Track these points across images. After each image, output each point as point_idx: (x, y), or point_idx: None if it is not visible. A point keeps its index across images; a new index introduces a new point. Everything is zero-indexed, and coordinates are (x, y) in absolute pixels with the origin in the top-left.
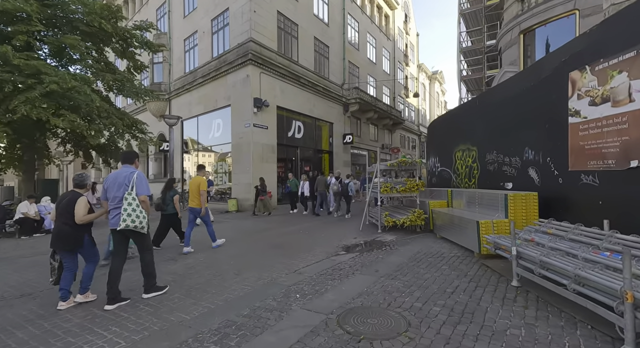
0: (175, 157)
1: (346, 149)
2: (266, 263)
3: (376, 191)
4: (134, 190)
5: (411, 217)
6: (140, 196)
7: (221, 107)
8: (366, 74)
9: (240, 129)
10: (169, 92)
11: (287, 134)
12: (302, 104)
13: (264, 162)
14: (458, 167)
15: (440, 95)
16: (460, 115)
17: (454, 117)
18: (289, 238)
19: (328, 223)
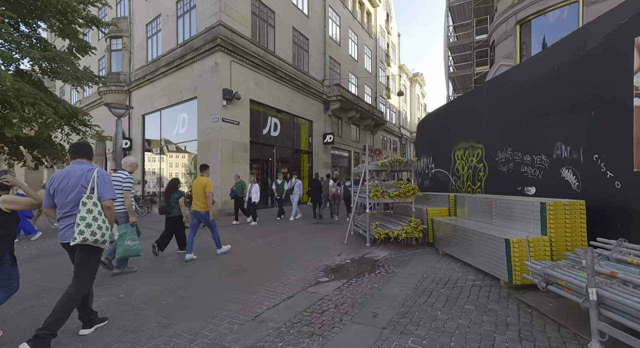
0: (134, 156)
1: (327, 150)
2: (216, 300)
3: (364, 196)
4: (95, 193)
5: (407, 228)
6: (104, 201)
7: (187, 99)
8: (348, 72)
9: (207, 124)
10: (128, 83)
11: (262, 132)
12: (279, 98)
13: (234, 162)
14: (458, 168)
15: (420, 97)
16: (461, 109)
17: (453, 111)
18: (256, 256)
19: (305, 233)
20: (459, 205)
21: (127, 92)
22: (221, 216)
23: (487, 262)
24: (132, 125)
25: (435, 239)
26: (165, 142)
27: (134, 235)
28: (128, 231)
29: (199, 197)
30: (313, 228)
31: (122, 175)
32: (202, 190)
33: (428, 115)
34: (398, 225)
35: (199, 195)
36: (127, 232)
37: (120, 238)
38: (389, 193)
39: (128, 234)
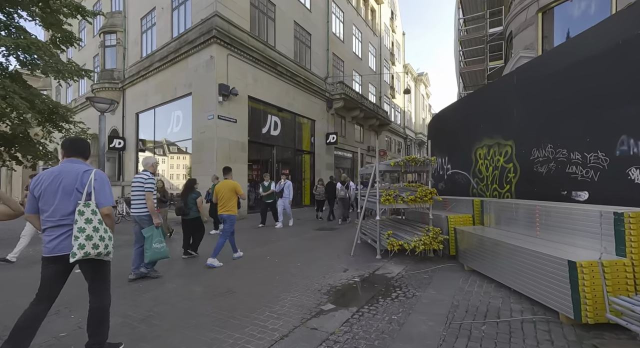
0: (128, 156)
1: (329, 150)
2: (185, 340)
3: (374, 200)
4: (92, 199)
5: (424, 239)
6: (102, 208)
7: (181, 96)
8: (351, 69)
9: (202, 121)
10: (122, 80)
11: (261, 130)
12: (280, 96)
13: (231, 163)
14: (481, 169)
15: (425, 98)
16: (484, 102)
17: (473, 106)
18: (248, 272)
19: (306, 242)
20: (487, 212)
21: (121, 90)
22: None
23: (536, 288)
24: (126, 123)
25: (459, 252)
26: (159, 141)
27: (160, 237)
28: (154, 233)
29: (226, 201)
30: (315, 236)
31: (144, 176)
32: (230, 194)
33: (442, 112)
34: (414, 235)
35: (225, 198)
36: (153, 234)
37: (147, 241)
38: (402, 197)
39: (154, 237)
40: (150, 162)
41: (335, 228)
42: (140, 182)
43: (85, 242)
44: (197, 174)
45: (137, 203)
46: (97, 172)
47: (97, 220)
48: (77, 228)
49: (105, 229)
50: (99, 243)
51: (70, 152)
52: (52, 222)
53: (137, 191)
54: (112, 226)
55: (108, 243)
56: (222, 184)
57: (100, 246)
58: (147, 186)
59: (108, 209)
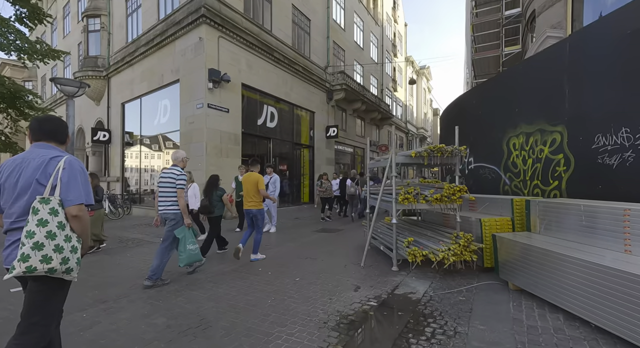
0: (114, 150)
1: (330, 144)
2: None
3: (389, 199)
4: (56, 194)
5: (454, 248)
6: (69, 207)
7: (168, 83)
8: (352, 60)
9: (191, 111)
10: (107, 67)
11: (257, 122)
12: (276, 85)
13: (222, 157)
14: (516, 162)
15: (426, 92)
16: (520, 82)
17: (502, 88)
18: (233, 290)
19: (306, 247)
20: (539, 216)
21: (106, 78)
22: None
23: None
24: (112, 115)
25: (500, 266)
26: (145, 134)
27: (193, 238)
28: (187, 234)
29: (251, 195)
30: (316, 240)
31: (176, 171)
32: (254, 187)
33: (459, 99)
34: (439, 242)
35: (250, 192)
36: (185, 235)
37: (181, 243)
38: (425, 196)
39: (187, 238)
40: (180, 156)
41: (338, 230)
42: (172, 178)
43: (32, 251)
44: (185, 169)
45: (167, 201)
46: (69, 159)
47: (56, 223)
48: (25, 232)
49: (68, 237)
50: (53, 256)
51: (38, 134)
52: (7, 224)
53: (167, 187)
54: (82, 232)
55: (69, 257)
56: (246, 177)
57: (54, 259)
58: (179, 182)
59: (78, 209)
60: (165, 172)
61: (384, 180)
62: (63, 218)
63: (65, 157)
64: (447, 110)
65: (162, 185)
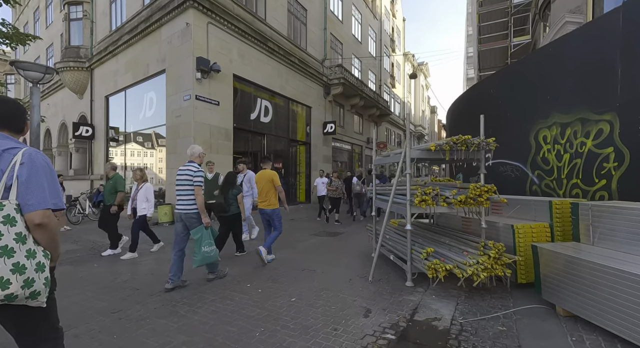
0: (98, 146)
1: (327, 141)
2: None
3: (402, 201)
4: (11, 197)
5: (484, 260)
6: (30, 214)
7: (154, 74)
8: (350, 54)
9: (178, 103)
10: (90, 58)
11: (250, 116)
12: (271, 77)
13: (212, 153)
14: (547, 158)
15: (424, 89)
16: (551, 64)
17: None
18: (213, 318)
19: (303, 256)
20: (589, 221)
21: (89, 70)
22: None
23: None
24: (95, 109)
25: (544, 284)
26: (130, 129)
27: (210, 239)
28: (203, 235)
29: (265, 193)
30: (313, 246)
31: (193, 168)
32: (269, 185)
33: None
34: (461, 252)
35: (264, 189)
36: (202, 236)
37: (196, 244)
38: (446, 197)
39: (204, 239)
40: (197, 151)
41: (339, 233)
42: (189, 175)
43: None
44: (172, 166)
45: (185, 200)
46: (29, 152)
47: (13, 235)
48: None
49: (31, 251)
50: (12, 278)
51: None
52: None
53: (185, 185)
54: (50, 244)
55: (34, 277)
56: (260, 175)
57: (12, 282)
58: (197, 180)
59: (42, 215)
60: (182, 170)
61: (396, 178)
62: (23, 228)
63: (23, 150)
64: (456, 104)
65: (179, 184)
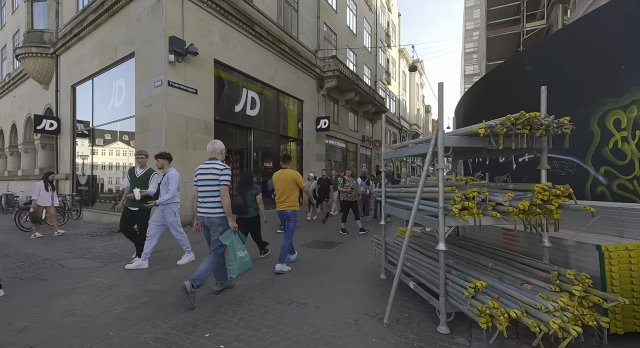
0: (64, 142)
1: (320, 138)
2: None
3: (431, 206)
4: None
5: (569, 304)
6: None
7: (122, 58)
8: (345, 46)
9: (148, 90)
10: (54, 43)
11: (234, 108)
12: (258, 65)
13: (189, 148)
14: (623, 150)
15: (419, 87)
16: (627, 24)
17: (594, 36)
18: None
19: (291, 280)
20: None
21: (54, 57)
22: None
23: None
24: (60, 100)
25: None
26: (98, 122)
27: (241, 244)
28: (234, 240)
29: (285, 194)
30: (306, 262)
31: (218, 165)
32: (290, 185)
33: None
34: (520, 285)
35: (284, 191)
36: (233, 241)
37: (229, 250)
38: (497, 204)
39: (235, 244)
40: (219, 147)
41: (335, 243)
42: (215, 174)
43: None
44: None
45: (209, 202)
46: None
47: None
48: None
49: None
50: None
51: None
52: None
53: (210, 186)
54: None
55: None
56: (280, 175)
57: None
58: (224, 178)
59: None
60: (204, 168)
61: (423, 176)
62: None
63: None
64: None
65: (202, 183)
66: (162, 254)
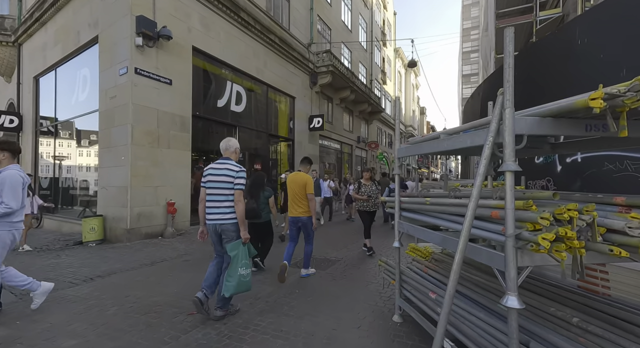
0: (25, 139)
1: (314, 138)
2: None
3: (495, 235)
4: None
5: None
6: None
7: (86, 43)
8: (340, 42)
9: (112, 80)
10: (15, 30)
11: (216, 103)
12: (245, 56)
13: (161, 147)
14: None
15: (414, 88)
16: None
17: None
18: None
19: (267, 316)
20: None
21: (17, 45)
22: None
23: None
24: (23, 93)
25: None
26: (61, 117)
27: (246, 260)
28: (240, 253)
29: (298, 199)
30: (292, 290)
31: (233, 167)
32: (302, 191)
33: (532, 50)
34: None
35: (298, 196)
36: (239, 254)
37: (232, 264)
38: (613, 231)
39: (240, 258)
40: (233, 145)
41: (332, 262)
42: (229, 175)
43: None
44: (106, 164)
45: (221, 206)
46: None
47: None
48: None
49: None
50: None
51: None
52: None
53: (223, 188)
54: None
55: None
56: (293, 177)
57: None
58: (239, 182)
59: None
60: (215, 169)
61: (478, 182)
62: None
63: None
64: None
65: (213, 186)
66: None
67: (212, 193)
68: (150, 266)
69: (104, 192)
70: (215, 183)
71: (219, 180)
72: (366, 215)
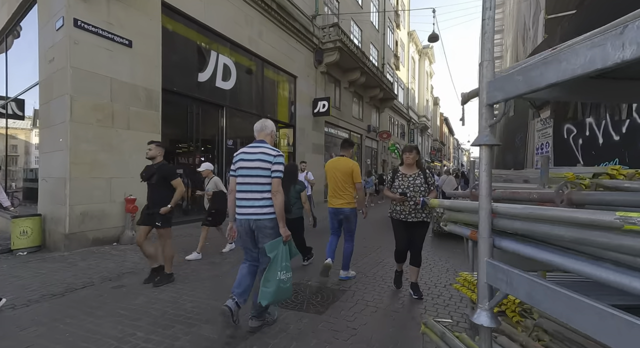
0: None
1: (318, 125)
2: None
3: None
4: None
5: None
6: None
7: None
8: (349, 17)
9: (50, 38)
10: None
11: (196, 76)
12: (234, 22)
13: (117, 128)
14: None
15: (428, 76)
16: None
17: None
18: None
19: None
20: None
21: None
22: (52, 245)
23: None
24: None
25: None
26: (11, 94)
27: (287, 262)
28: (280, 253)
29: (341, 188)
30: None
31: (270, 151)
32: (347, 178)
33: None
34: None
35: (339, 184)
36: (279, 255)
37: (271, 266)
38: None
39: (280, 259)
40: (270, 127)
41: (338, 293)
42: (266, 161)
43: None
44: (46, 149)
45: (258, 198)
46: None
47: None
48: None
49: None
50: None
51: None
52: None
53: (258, 176)
54: None
55: None
56: (334, 163)
57: None
58: (277, 168)
59: None
60: (249, 152)
61: None
62: None
63: None
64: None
65: (246, 173)
66: None
67: (244, 182)
68: (60, 297)
69: (44, 185)
70: (248, 171)
71: (253, 166)
72: (409, 225)
